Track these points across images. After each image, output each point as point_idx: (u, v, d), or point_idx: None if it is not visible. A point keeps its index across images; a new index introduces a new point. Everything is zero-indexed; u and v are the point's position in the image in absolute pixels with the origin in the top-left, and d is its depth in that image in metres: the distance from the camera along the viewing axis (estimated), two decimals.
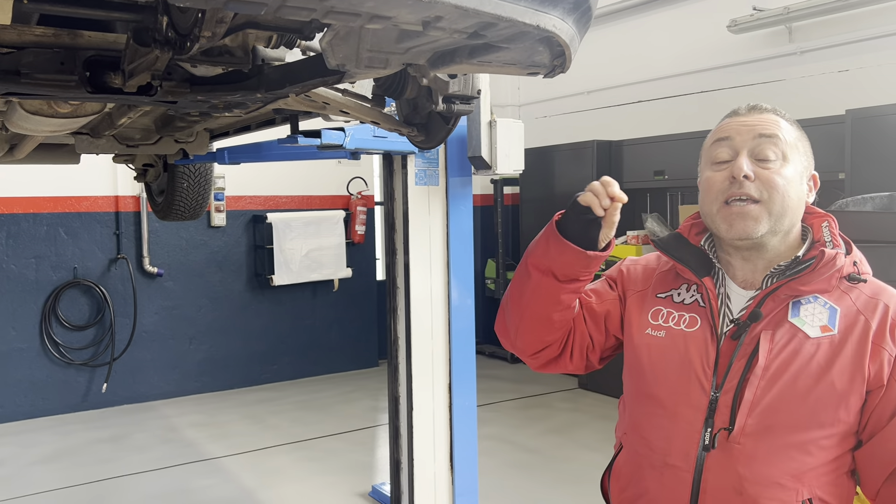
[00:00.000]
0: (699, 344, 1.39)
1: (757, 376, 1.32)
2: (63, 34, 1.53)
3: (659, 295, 1.50)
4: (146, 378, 6.66)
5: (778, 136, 1.37)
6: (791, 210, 1.36)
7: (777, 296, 1.36)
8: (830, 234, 1.40)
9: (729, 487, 1.32)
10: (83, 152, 3.05)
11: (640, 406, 1.47)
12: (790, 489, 1.30)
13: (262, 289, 7.20)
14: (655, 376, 1.43)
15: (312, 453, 5.23)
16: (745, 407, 1.32)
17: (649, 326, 1.47)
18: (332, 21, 1.08)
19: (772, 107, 1.43)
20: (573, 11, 1.18)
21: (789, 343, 1.33)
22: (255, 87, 1.66)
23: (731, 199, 1.36)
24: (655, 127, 6.73)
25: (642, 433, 1.45)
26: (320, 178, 7.41)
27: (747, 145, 1.37)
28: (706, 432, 1.34)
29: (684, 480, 1.36)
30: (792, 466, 1.30)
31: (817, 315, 1.34)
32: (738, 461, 1.32)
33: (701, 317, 1.42)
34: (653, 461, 1.41)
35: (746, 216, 1.35)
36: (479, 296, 7.30)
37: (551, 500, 4.36)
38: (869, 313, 1.32)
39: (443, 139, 1.89)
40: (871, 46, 5.36)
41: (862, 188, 4.44)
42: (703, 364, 1.38)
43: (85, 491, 4.62)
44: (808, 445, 1.30)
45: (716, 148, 1.41)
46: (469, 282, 3.62)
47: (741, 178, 1.34)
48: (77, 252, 6.37)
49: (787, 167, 1.36)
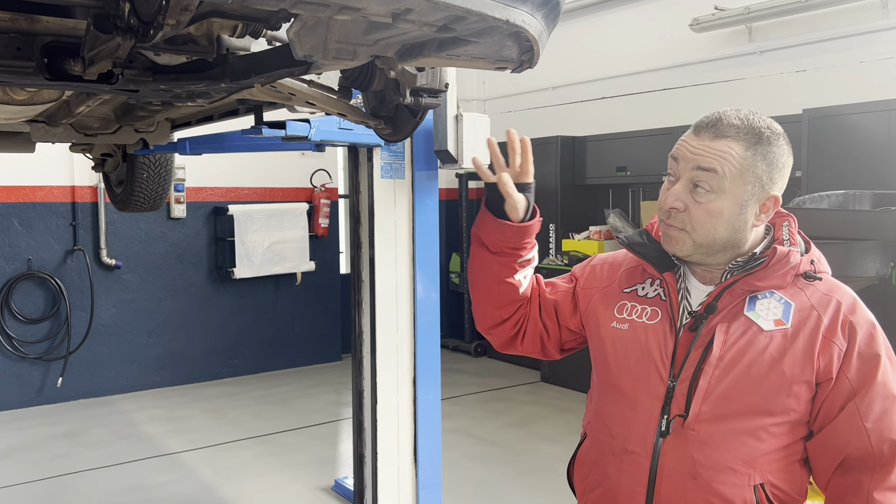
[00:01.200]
0: (659, 335, 1.45)
1: (711, 366, 1.37)
2: (20, 19, 1.49)
3: (625, 290, 1.56)
4: (103, 372, 6.53)
5: (716, 171, 1.35)
6: (721, 240, 1.40)
7: (734, 290, 1.41)
8: (789, 233, 1.45)
9: (684, 472, 1.38)
10: (39, 141, 2.97)
11: (603, 396, 1.53)
12: (742, 474, 1.35)
13: (223, 282, 7.11)
14: (618, 367, 1.49)
15: (274, 448, 5.19)
16: (699, 394, 1.37)
17: (614, 320, 1.53)
18: (300, 11, 1.07)
19: (739, 121, 1.37)
20: (542, 7, 1.18)
21: (743, 335, 1.38)
22: (219, 76, 1.63)
23: (664, 223, 1.44)
24: (618, 123, 6.80)
25: (605, 421, 1.51)
26: (283, 170, 7.33)
27: (686, 174, 1.40)
28: (663, 419, 1.40)
29: (642, 466, 1.41)
30: (744, 452, 1.35)
31: (772, 309, 1.39)
32: (692, 446, 1.37)
33: (662, 310, 1.47)
34: (613, 448, 1.47)
35: (673, 240, 1.43)
36: (444, 290, 7.31)
37: (512, 491, 4.40)
38: (822, 309, 1.38)
39: (410, 132, 1.89)
40: (828, 48, 5.49)
41: (818, 186, 4.56)
42: (661, 354, 1.43)
43: (40, 487, 4.51)
44: (759, 432, 1.35)
45: (670, 162, 1.46)
46: (434, 276, 3.62)
47: (668, 210, 1.41)
48: (31, 243, 6.21)
49: (721, 201, 1.36)
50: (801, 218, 1.50)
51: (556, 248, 7.03)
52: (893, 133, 4.56)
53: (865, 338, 1.36)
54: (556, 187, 6.99)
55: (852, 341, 1.35)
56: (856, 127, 4.73)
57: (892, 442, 1.32)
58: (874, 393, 1.33)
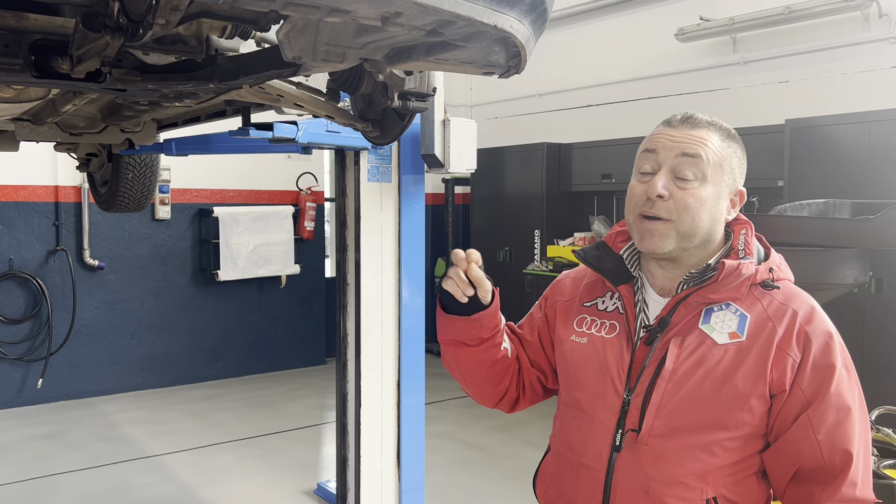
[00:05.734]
0: (615, 349, 1.44)
1: (665, 380, 1.36)
2: (7, 16, 1.49)
3: (585, 304, 1.54)
4: (84, 374, 6.47)
5: (700, 157, 1.37)
6: (702, 230, 1.39)
7: (689, 303, 1.40)
8: (744, 242, 1.43)
9: (637, 487, 1.37)
10: (24, 139, 2.95)
11: (565, 409, 1.53)
12: (695, 488, 1.34)
13: (206, 284, 7.07)
14: (578, 381, 1.48)
15: (257, 451, 5.16)
16: (652, 409, 1.36)
17: (574, 333, 1.51)
18: (290, 13, 1.08)
19: (708, 118, 1.42)
20: (530, 13, 1.20)
21: (697, 349, 1.37)
22: (207, 77, 1.64)
23: (644, 214, 1.41)
24: (604, 131, 6.85)
25: (565, 435, 1.50)
26: (269, 172, 7.31)
27: (669, 162, 1.39)
28: (617, 433, 1.39)
29: (597, 480, 1.41)
30: (696, 466, 1.34)
31: (727, 322, 1.38)
32: (645, 461, 1.36)
33: (619, 323, 1.46)
34: (571, 461, 1.46)
35: (654, 234, 1.39)
36: (429, 294, 7.31)
37: (495, 495, 4.41)
38: (777, 320, 1.36)
39: (398, 135, 1.90)
40: (811, 59, 5.57)
41: (800, 195, 4.61)
42: (618, 368, 1.42)
43: (19, 489, 4.46)
44: (713, 446, 1.34)
45: (643, 157, 1.44)
46: (420, 280, 3.62)
47: (654, 198, 1.38)
48: (13, 243, 6.15)
49: (705, 188, 1.37)
50: (781, 225, 1.52)
51: (540, 255, 7.06)
52: (874, 144, 4.63)
53: (821, 348, 1.34)
54: (541, 194, 7.03)
55: (807, 352, 1.33)
56: (837, 137, 4.80)
57: (844, 452, 1.31)
58: (827, 404, 1.32)
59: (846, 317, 4.00)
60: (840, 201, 3.65)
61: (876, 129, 4.63)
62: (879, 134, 4.61)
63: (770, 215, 3.41)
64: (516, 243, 7.30)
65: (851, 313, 4.37)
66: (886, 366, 4.40)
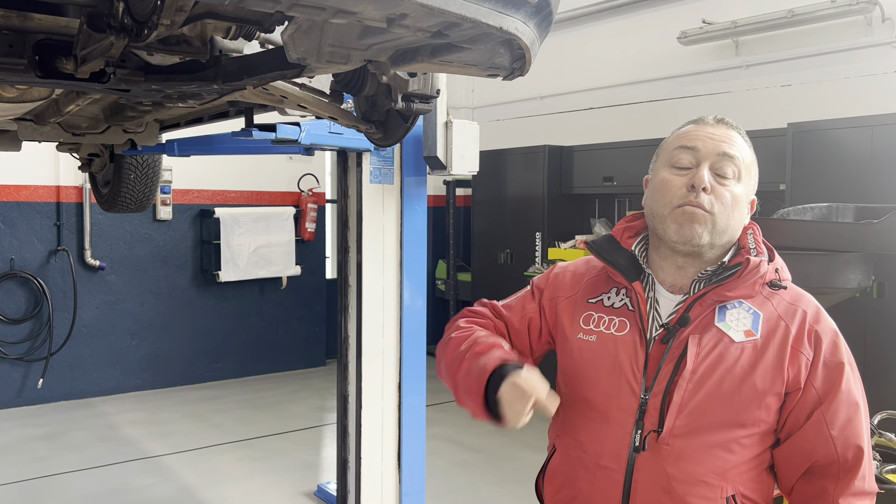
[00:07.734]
0: (628, 348, 1.42)
1: (685, 379, 1.36)
2: (12, 16, 1.48)
3: (590, 300, 1.52)
4: (85, 374, 6.47)
5: (737, 158, 1.41)
6: (732, 227, 1.42)
7: (704, 301, 1.40)
8: (755, 242, 1.45)
9: (658, 487, 1.37)
10: (26, 139, 2.95)
11: (572, 409, 1.49)
12: (715, 486, 1.36)
13: (207, 285, 7.07)
14: (588, 380, 1.46)
15: (257, 452, 5.16)
16: (673, 409, 1.36)
17: (581, 331, 1.49)
18: (296, 14, 1.07)
19: (736, 125, 1.46)
20: (535, 15, 1.20)
21: (715, 347, 1.37)
22: (211, 77, 1.63)
23: (685, 205, 1.39)
24: (606, 134, 6.84)
25: (575, 436, 1.48)
26: (271, 173, 7.31)
27: (710, 158, 1.40)
28: (636, 434, 1.38)
29: (616, 481, 1.40)
30: (716, 465, 1.36)
31: (742, 320, 1.39)
32: (666, 461, 1.36)
33: (630, 321, 1.44)
34: (585, 463, 1.45)
35: (696, 219, 1.38)
36: (430, 296, 7.31)
37: (495, 498, 4.40)
38: (789, 319, 1.39)
39: (401, 137, 1.90)
40: (813, 63, 5.56)
41: (802, 199, 4.60)
42: (632, 367, 1.41)
43: (19, 490, 4.46)
44: (731, 444, 1.36)
45: (679, 153, 1.44)
46: (421, 282, 3.62)
47: (700, 190, 1.38)
48: (14, 243, 6.15)
49: (739, 187, 1.42)
50: (784, 229, 1.52)
51: (541, 257, 7.06)
52: (876, 147, 4.62)
53: (830, 346, 1.37)
54: (542, 196, 7.02)
55: (818, 351, 1.37)
56: (839, 141, 4.79)
57: (856, 448, 1.34)
58: (839, 401, 1.35)
59: (848, 320, 3.98)
60: (843, 205, 3.65)
61: (879, 133, 4.62)
62: (882, 138, 4.61)
63: (773, 219, 3.40)
64: (517, 245, 7.29)
65: (853, 317, 4.36)
66: (888, 370, 4.39)
